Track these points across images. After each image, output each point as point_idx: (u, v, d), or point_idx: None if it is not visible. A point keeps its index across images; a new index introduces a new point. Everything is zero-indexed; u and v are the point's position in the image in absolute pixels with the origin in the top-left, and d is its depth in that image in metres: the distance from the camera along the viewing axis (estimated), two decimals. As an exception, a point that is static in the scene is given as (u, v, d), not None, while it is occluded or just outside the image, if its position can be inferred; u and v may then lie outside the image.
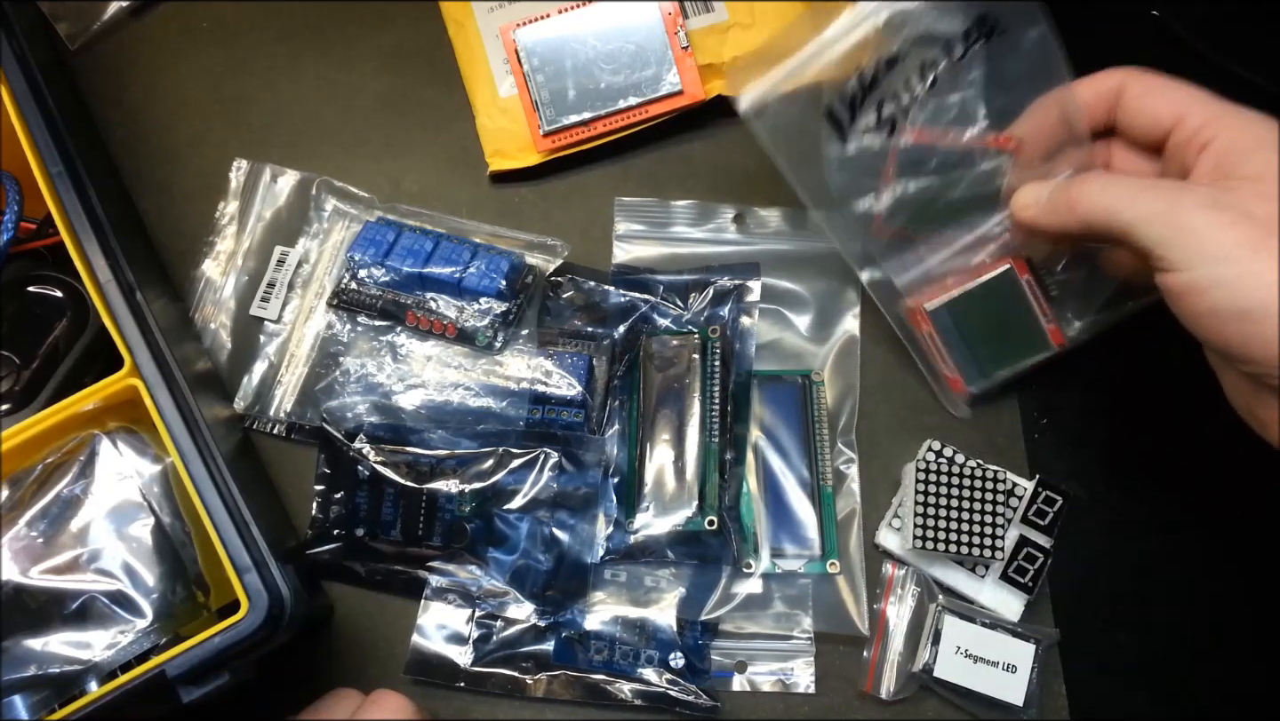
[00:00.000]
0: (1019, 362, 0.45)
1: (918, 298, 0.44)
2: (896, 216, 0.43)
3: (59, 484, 0.38)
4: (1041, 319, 0.44)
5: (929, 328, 0.44)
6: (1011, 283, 0.43)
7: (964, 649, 0.42)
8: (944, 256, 0.44)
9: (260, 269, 0.49)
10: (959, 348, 0.45)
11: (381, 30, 0.53)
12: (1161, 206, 0.34)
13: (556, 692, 0.43)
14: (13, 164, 0.42)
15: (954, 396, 0.46)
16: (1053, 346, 0.44)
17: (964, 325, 0.44)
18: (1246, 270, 0.32)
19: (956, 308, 0.44)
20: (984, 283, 0.44)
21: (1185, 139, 0.37)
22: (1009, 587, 0.43)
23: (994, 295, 0.44)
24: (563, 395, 0.45)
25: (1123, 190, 0.36)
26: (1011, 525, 0.44)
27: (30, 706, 0.35)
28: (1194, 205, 0.34)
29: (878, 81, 0.41)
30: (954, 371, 0.45)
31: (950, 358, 0.45)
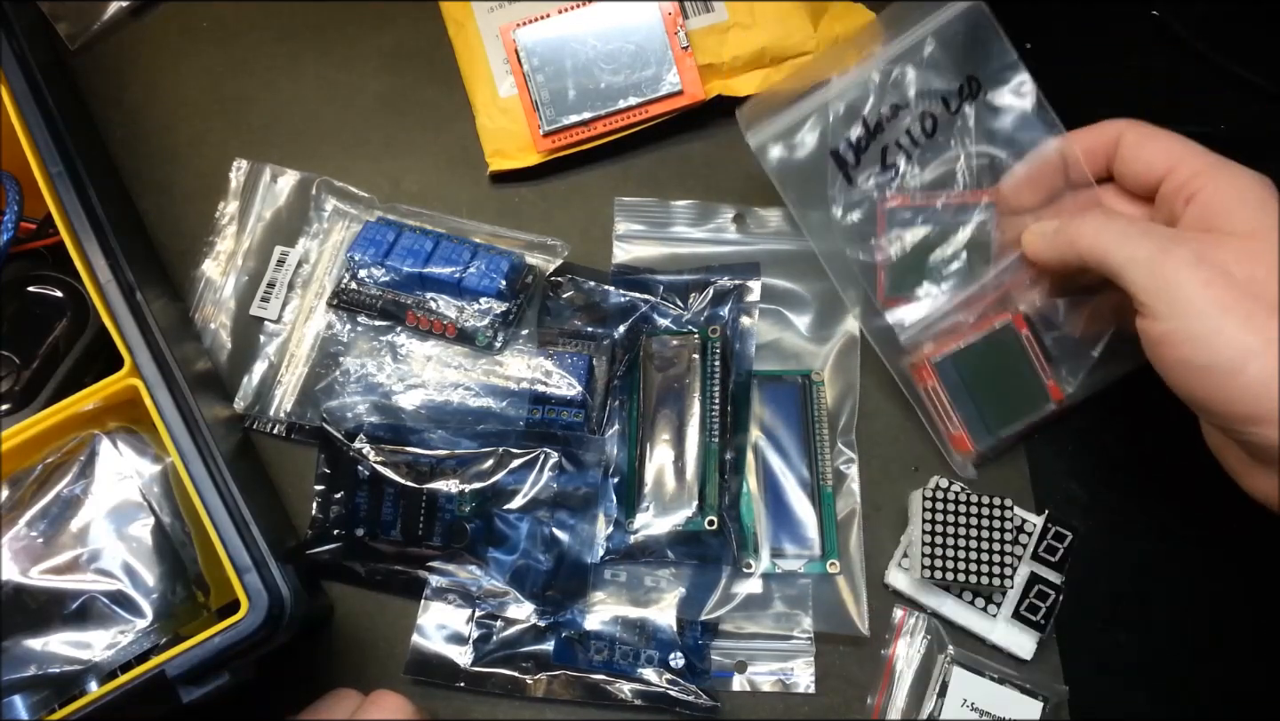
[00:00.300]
0: (1022, 419, 0.45)
1: (920, 352, 0.45)
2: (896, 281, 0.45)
3: (59, 484, 0.38)
4: (1041, 374, 0.44)
5: (934, 382, 0.44)
6: (1012, 336, 0.44)
7: (970, 702, 0.42)
8: (944, 309, 0.45)
9: (260, 269, 0.49)
10: (964, 403, 0.45)
11: (381, 30, 0.53)
12: (1148, 254, 0.36)
13: (556, 692, 0.43)
14: (13, 164, 0.42)
15: (959, 457, 0.45)
16: (1052, 402, 0.44)
17: (968, 379, 0.44)
18: (1215, 329, 0.34)
19: (961, 361, 0.44)
20: (986, 336, 0.44)
21: (1174, 189, 0.39)
22: (1021, 626, 0.43)
23: (996, 349, 0.44)
24: (563, 395, 0.45)
25: (1116, 232, 0.37)
26: (1022, 562, 0.44)
27: (30, 706, 0.35)
28: (1178, 259, 0.35)
29: (882, 128, 0.44)
30: (960, 428, 0.45)
31: (955, 414, 0.45)
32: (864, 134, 0.44)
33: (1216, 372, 0.34)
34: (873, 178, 0.44)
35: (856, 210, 0.45)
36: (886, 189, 0.45)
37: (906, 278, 0.45)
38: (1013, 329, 0.44)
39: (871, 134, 0.44)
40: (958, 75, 0.44)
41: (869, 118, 0.44)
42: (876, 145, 0.44)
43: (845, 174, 0.44)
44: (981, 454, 0.45)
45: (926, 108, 0.44)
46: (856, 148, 0.44)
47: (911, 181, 0.45)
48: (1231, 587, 0.45)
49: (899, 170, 0.44)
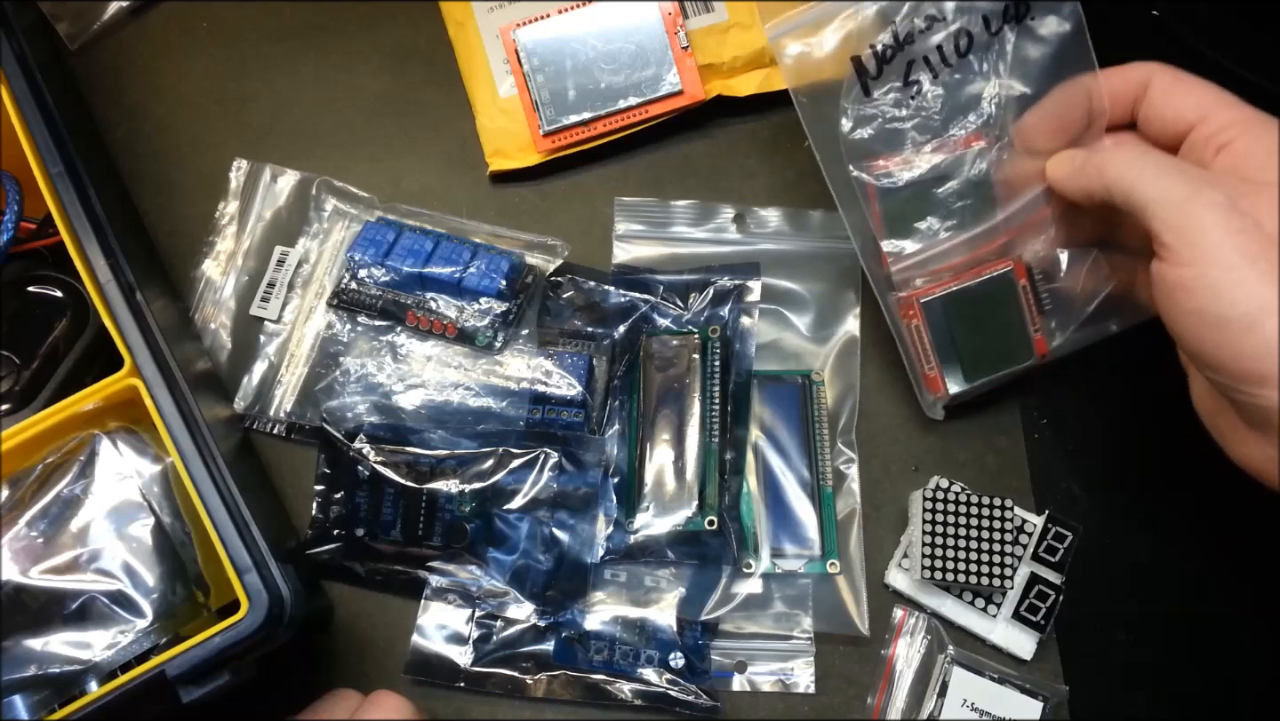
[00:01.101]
0: (1001, 369, 0.44)
1: (912, 290, 0.43)
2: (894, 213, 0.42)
3: (59, 484, 0.38)
4: (1030, 326, 0.43)
5: (918, 320, 0.43)
6: (1008, 285, 0.43)
7: (970, 702, 0.42)
8: (944, 249, 0.43)
9: (260, 269, 0.49)
10: (945, 346, 0.43)
11: (381, 30, 0.53)
12: (1182, 193, 0.34)
13: (556, 692, 0.43)
14: (13, 164, 0.42)
15: (930, 397, 0.45)
16: (1034, 356, 0.43)
17: (954, 323, 0.43)
18: (1238, 280, 0.33)
19: (950, 304, 0.43)
20: (982, 281, 0.43)
21: (1205, 137, 0.37)
22: (1021, 626, 0.43)
23: (989, 296, 0.43)
24: (563, 395, 0.45)
25: (1150, 166, 0.36)
26: (1022, 563, 0.44)
27: (30, 706, 0.35)
28: (1211, 203, 0.34)
29: (912, 39, 0.41)
30: (935, 369, 0.44)
31: (934, 355, 0.44)
32: (892, 43, 0.40)
33: (1230, 326, 0.33)
34: (892, 92, 0.41)
35: (868, 126, 0.42)
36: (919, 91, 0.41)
37: (906, 211, 0.42)
38: (1011, 277, 0.42)
39: (900, 44, 0.41)
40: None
41: (900, 26, 0.40)
42: (902, 58, 0.41)
43: (863, 84, 0.41)
44: (953, 397, 0.44)
45: (965, 24, 0.40)
46: (880, 57, 0.41)
47: (931, 103, 0.41)
48: (1231, 587, 0.45)
49: (921, 88, 0.41)
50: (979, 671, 0.42)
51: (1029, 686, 0.42)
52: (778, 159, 0.50)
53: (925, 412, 0.45)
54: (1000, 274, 0.43)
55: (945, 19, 0.40)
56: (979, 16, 0.40)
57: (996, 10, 0.40)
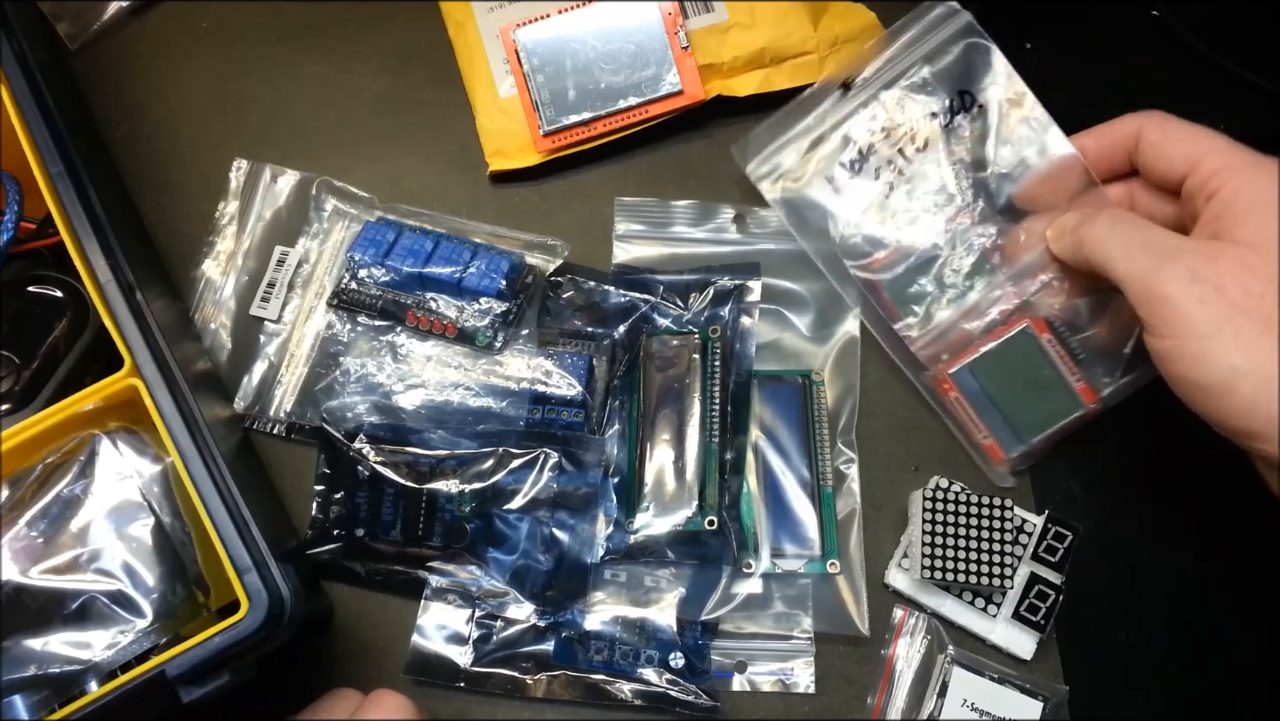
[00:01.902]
0: (1053, 424, 0.44)
1: (940, 366, 0.45)
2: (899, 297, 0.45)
3: (59, 484, 0.38)
4: (1069, 377, 0.43)
5: (955, 393, 0.44)
6: (1031, 341, 0.44)
7: (970, 702, 0.42)
8: (955, 317, 0.44)
9: (260, 269, 0.49)
10: (989, 411, 0.44)
11: (381, 30, 0.53)
12: (1145, 269, 0.36)
13: (556, 693, 0.43)
14: (13, 164, 0.42)
15: (995, 467, 0.45)
16: (1084, 404, 0.43)
17: (990, 387, 0.44)
18: (1209, 349, 0.34)
19: (979, 369, 0.44)
20: (1003, 342, 0.44)
21: (1196, 186, 0.38)
22: (1021, 626, 0.43)
23: (1015, 355, 0.44)
24: (563, 395, 0.45)
25: (1119, 242, 0.37)
26: (1022, 563, 0.44)
27: (30, 706, 0.35)
28: (1172, 276, 0.35)
29: (875, 149, 0.46)
30: (989, 437, 0.45)
31: (982, 422, 0.44)
32: (857, 157, 0.46)
33: (1211, 390, 0.34)
34: (869, 195, 0.46)
35: (856, 231, 0.46)
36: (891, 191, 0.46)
37: (910, 293, 0.45)
38: (1031, 333, 0.43)
39: (865, 156, 0.45)
40: (950, 91, 0.45)
41: (860, 141, 0.46)
42: (870, 166, 0.45)
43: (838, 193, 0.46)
44: (1015, 460, 0.45)
45: (915, 126, 0.45)
46: (850, 169, 0.46)
47: (906, 198, 0.45)
48: (1231, 587, 0.45)
49: (893, 189, 0.45)
50: (979, 671, 0.42)
51: (1029, 686, 0.42)
52: (778, 159, 0.50)
53: (996, 484, 0.46)
54: (1018, 332, 0.44)
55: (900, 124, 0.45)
56: (928, 116, 0.45)
57: (944, 107, 0.45)
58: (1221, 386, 0.34)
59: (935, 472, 0.44)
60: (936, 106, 0.45)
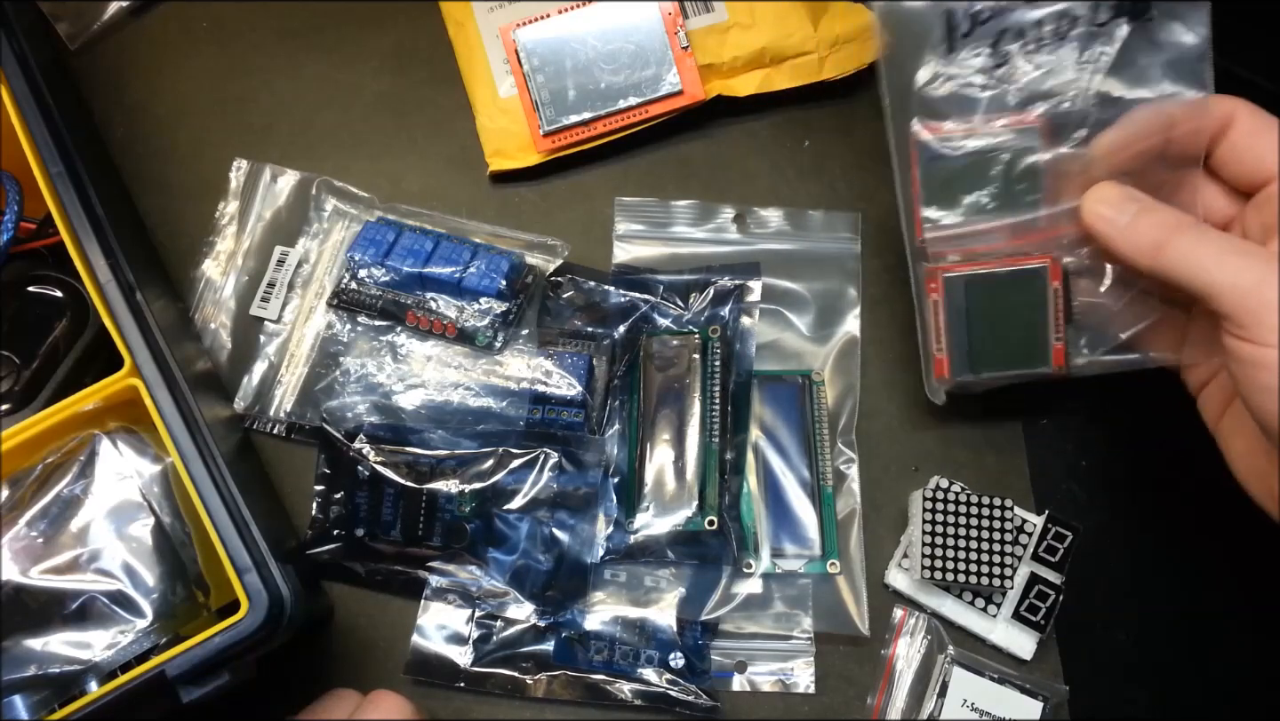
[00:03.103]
0: (1010, 369, 0.42)
1: (939, 264, 0.41)
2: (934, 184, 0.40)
3: (59, 484, 0.38)
4: (1052, 333, 0.41)
5: (938, 295, 0.41)
6: (1039, 282, 0.41)
7: (970, 702, 0.42)
8: (982, 229, 0.40)
9: (260, 269, 0.49)
10: (958, 330, 0.42)
11: (381, 30, 0.53)
12: (1252, 278, 0.33)
13: (556, 693, 0.43)
14: (13, 164, 0.42)
15: (934, 381, 0.43)
16: (1050, 365, 0.41)
17: (973, 308, 0.41)
18: None
19: (974, 286, 0.41)
20: (1012, 271, 0.41)
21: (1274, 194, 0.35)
22: (1021, 626, 0.43)
23: (1017, 290, 0.41)
24: (563, 395, 0.45)
25: (1213, 251, 0.34)
26: (1022, 563, 0.44)
27: (30, 706, 0.35)
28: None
29: (1012, 9, 0.38)
30: (944, 351, 0.42)
31: (946, 335, 0.42)
32: (991, 4, 0.38)
33: None
34: (979, 56, 0.39)
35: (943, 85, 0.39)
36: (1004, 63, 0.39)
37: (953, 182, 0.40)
38: (1044, 276, 0.40)
39: (998, 10, 0.38)
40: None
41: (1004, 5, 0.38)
42: (996, 24, 0.38)
43: (950, 41, 0.39)
44: (958, 384, 0.42)
45: (1073, 6, 0.38)
46: (975, 18, 0.38)
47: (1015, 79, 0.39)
48: (1231, 587, 0.45)
49: (1009, 60, 0.39)
50: (979, 671, 0.42)
51: (1029, 686, 0.42)
52: (778, 159, 0.50)
53: (928, 395, 0.44)
54: (1033, 269, 0.40)
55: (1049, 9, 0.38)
56: (1088, 4, 0.38)
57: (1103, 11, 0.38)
58: None
59: (935, 472, 0.44)
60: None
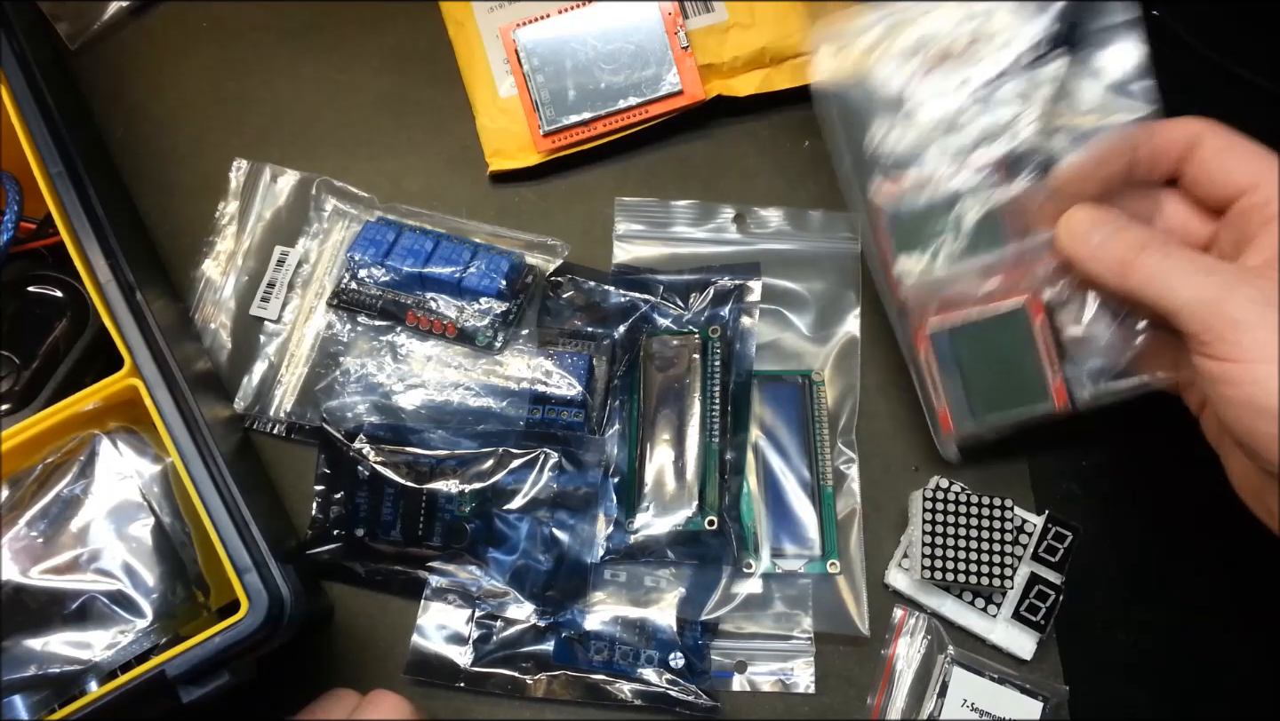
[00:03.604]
0: (1013, 410, 0.41)
1: (925, 318, 0.42)
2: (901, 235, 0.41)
3: (59, 484, 0.38)
4: (1047, 370, 0.40)
5: (927, 353, 0.42)
6: (1022, 323, 0.40)
7: (970, 702, 0.42)
8: (953, 275, 0.40)
9: (260, 269, 0.49)
10: (954, 381, 0.42)
11: (381, 30, 0.53)
12: (1213, 294, 0.33)
13: (556, 693, 0.43)
14: (13, 164, 0.42)
15: (943, 436, 0.44)
16: (1052, 402, 0.41)
17: (964, 357, 0.41)
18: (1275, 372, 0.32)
19: (959, 336, 0.41)
20: (992, 316, 0.41)
21: (1255, 205, 0.36)
22: (1021, 626, 0.43)
23: (1002, 332, 0.41)
24: (563, 395, 0.45)
25: (1177, 268, 0.35)
26: (1022, 563, 0.44)
27: (30, 706, 0.35)
28: (1246, 300, 0.33)
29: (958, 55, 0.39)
30: (944, 405, 0.42)
31: (944, 390, 0.42)
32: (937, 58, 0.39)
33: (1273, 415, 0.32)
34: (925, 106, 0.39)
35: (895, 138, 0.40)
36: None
37: (916, 234, 0.40)
38: (1025, 314, 0.40)
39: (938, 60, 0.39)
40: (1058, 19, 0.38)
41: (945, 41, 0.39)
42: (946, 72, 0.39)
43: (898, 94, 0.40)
44: (962, 436, 0.42)
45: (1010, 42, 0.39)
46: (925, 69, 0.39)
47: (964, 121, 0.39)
48: (1231, 587, 0.45)
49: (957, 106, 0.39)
50: (979, 671, 0.42)
51: (1029, 686, 0.42)
52: (778, 159, 0.50)
53: (941, 454, 0.44)
54: (1012, 309, 0.40)
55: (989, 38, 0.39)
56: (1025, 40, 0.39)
57: (1047, 34, 0.38)
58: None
59: (935, 472, 0.44)
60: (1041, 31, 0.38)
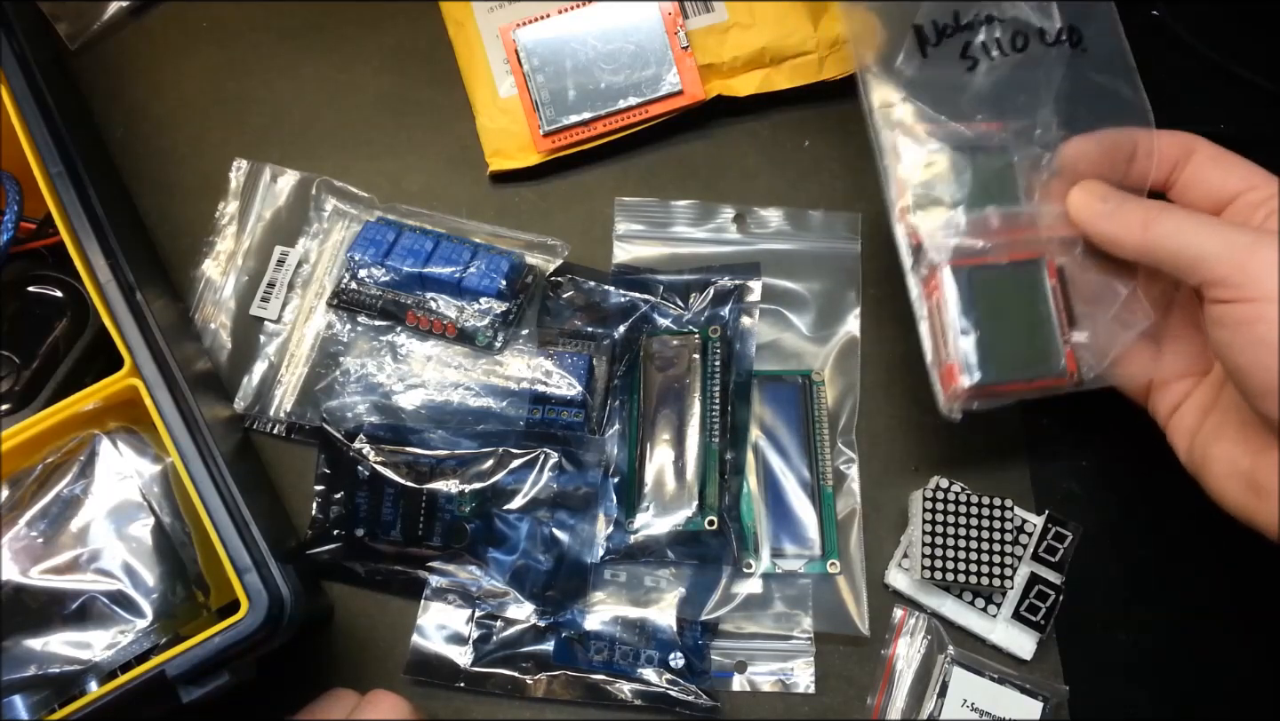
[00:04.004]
0: (1023, 370, 0.40)
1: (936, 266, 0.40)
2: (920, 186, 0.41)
3: (59, 484, 0.38)
4: (1059, 336, 0.40)
5: (939, 294, 0.40)
6: (1039, 278, 0.40)
7: (970, 702, 0.42)
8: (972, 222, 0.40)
9: (260, 269, 0.49)
10: (966, 326, 0.40)
11: (381, 30, 0.53)
12: (1245, 241, 0.35)
13: (556, 693, 0.43)
14: (13, 164, 0.42)
15: (946, 394, 0.41)
16: (1064, 367, 0.40)
17: (979, 301, 0.40)
18: None
19: (978, 279, 0.40)
20: (1010, 265, 0.40)
21: (1254, 202, 0.37)
22: (1021, 626, 0.43)
23: (1019, 283, 0.40)
24: (563, 395, 0.45)
25: (1204, 223, 0.36)
26: (1022, 563, 0.44)
27: (30, 706, 0.35)
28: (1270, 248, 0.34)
29: (974, 26, 0.41)
30: (953, 358, 0.40)
31: (953, 339, 0.40)
32: (952, 22, 0.41)
33: None
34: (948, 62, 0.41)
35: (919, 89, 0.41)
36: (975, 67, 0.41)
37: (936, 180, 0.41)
38: (1041, 268, 0.40)
39: (959, 26, 0.41)
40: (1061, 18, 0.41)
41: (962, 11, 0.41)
42: (960, 37, 0.41)
43: (921, 49, 0.41)
44: (967, 392, 0.40)
45: (1021, 29, 0.41)
46: (940, 30, 0.41)
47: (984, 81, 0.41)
48: (1231, 587, 0.45)
49: (976, 65, 0.41)
50: (979, 671, 0.42)
51: (1029, 686, 0.42)
52: (778, 159, 0.50)
53: (942, 412, 0.41)
54: (1029, 262, 0.40)
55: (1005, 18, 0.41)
56: (1036, 31, 0.41)
57: (1051, 30, 0.41)
58: None
59: (935, 472, 0.44)
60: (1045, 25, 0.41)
